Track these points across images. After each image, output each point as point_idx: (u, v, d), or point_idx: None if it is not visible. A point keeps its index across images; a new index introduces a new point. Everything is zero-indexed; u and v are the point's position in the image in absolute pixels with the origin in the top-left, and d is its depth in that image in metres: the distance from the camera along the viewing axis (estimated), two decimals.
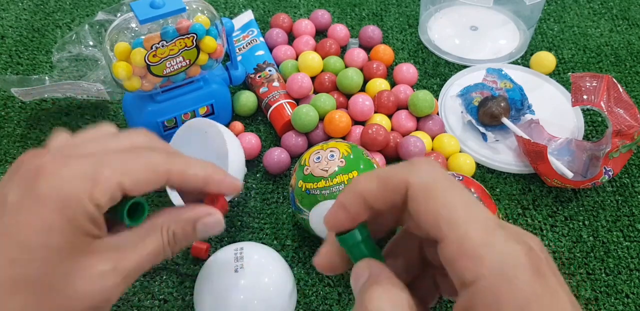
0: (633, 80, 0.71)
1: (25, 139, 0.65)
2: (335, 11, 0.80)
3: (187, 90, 0.59)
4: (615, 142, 0.56)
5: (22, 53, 0.74)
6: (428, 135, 0.63)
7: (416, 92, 0.64)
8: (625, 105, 0.59)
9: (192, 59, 0.55)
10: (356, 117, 0.64)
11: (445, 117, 0.66)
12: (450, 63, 0.74)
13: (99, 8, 0.80)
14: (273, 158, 0.60)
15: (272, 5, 0.81)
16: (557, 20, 0.79)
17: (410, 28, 0.78)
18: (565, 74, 0.72)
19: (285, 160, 0.61)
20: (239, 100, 0.65)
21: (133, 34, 0.52)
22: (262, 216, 0.59)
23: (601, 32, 0.77)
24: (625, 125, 0.57)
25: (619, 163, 0.58)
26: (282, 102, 0.65)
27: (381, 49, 0.71)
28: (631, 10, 0.80)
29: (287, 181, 0.61)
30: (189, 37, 0.53)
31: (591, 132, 0.66)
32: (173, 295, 0.53)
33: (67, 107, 0.68)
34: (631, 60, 0.74)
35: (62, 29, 0.78)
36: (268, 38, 0.74)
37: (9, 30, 0.77)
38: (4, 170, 0.63)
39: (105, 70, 0.67)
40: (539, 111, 0.64)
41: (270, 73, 0.68)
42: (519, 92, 0.63)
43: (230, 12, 0.80)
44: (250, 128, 0.66)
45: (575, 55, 0.75)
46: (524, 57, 0.74)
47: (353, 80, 0.66)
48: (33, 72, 0.72)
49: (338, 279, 0.54)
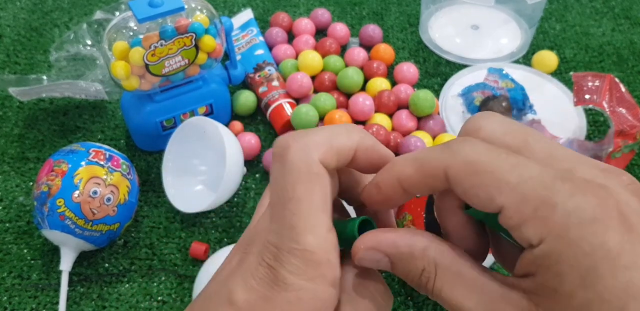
0: (635, 80, 0.71)
1: (23, 139, 0.65)
2: (335, 10, 0.80)
3: (186, 90, 0.59)
4: (617, 142, 0.56)
5: (20, 52, 0.74)
6: (429, 135, 0.63)
7: (417, 91, 0.64)
8: (628, 105, 0.58)
9: (191, 58, 0.55)
10: (356, 117, 0.63)
11: (446, 116, 0.66)
12: (451, 62, 0.73)
13: (97, 7, 0.80)
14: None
15: (272, 4, 0.81)
16: (559, 19, 0.79)
17: (411, 27, 0.78)
18: (567, 73, 0.72)
19: None
20: (239, 100, 0.65)
21: (131, 33, 0.52)
22: None
23: (603, 32, 0.77)
24: (627, 125, 0.57)
25: (621, 163, 0.58)
26: (282, 101, 0.64)
27: (382, 48, 0.71)
28: (633, 9, 0.80)
29: None
30: (188, 36, 0.53)
31: (593, 132, 0.65)
32: (172, 296, 0.53)
33: (65, 106, 0.68)
34: (633, 60, 0.73)
35: (60, 28, 0.77)
36: (268, 37, 0.73)
37: (6, 29, 0.77)
38: (1, 170, 0.62)
39: (103, 69, 0.67)
40: (541, 111, 0.64)
41: (269, 72, 0.68)
42: (520, 92, 0.63)
43: (230, 11, 0.80)
44: (249, 128, 0.66)
45: (577, 54, 0.74)
46: (525, 56, 0.74)
47: (353, 80, 0.65)
48: (31, 71, 0.72)
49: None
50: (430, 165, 0.22)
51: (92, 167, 0.52)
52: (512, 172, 0.20)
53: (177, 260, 0.55)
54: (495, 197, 0.20)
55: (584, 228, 0.18)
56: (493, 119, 0.23)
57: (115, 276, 0.54)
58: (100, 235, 0.52)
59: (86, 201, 0.51)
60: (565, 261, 0.19)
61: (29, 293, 0.53)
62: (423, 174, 0.22)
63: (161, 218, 0.58)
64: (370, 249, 0.23)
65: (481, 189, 0.20)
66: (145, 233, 0.57)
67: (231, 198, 0.59)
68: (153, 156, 0.63)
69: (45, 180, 0.51)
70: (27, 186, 0.61)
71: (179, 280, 0.54)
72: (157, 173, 0.61)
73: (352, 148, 0.24)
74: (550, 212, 0.19)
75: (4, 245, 0.56)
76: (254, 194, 0.60)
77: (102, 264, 0.55)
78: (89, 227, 0.51)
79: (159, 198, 0.59)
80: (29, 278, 0.54)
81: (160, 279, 0.54)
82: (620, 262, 0.18)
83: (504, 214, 0.20)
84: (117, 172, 0.53)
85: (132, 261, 0.55)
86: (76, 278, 0.54)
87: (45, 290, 0.53)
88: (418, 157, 0.23)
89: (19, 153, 0.63)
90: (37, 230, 0.57)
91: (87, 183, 0.51)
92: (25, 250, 0.56)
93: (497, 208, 0.20)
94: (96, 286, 0.54)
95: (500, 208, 0.20)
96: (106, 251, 0.56)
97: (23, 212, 0.59)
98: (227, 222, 0.58)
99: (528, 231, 0.19)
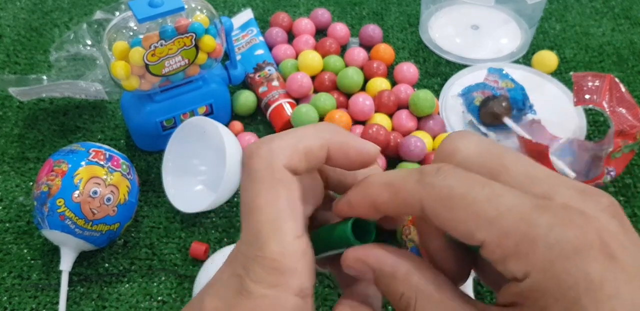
0: (635, 80, 0.71)
1: (23, 139, 0.65)
2: (335, 10, 0.80)
3: (186, 90, 0.59)
4: (617, 142, 0.56)
5: (20, 52, 0.74)
6: (429, 135, 0.63)
7: (417, 91, 0.64)
8: (628, 105, 0.58)
9: (191, 58, 0.55)
10: (356, 117, 0.63)
11: (446, 116, 0.66)
12: (451, 62, 0.73)
13: (97, 7, 0.80)
14: None
15: (272, 4, 0.81)
16: (559, 19, 0.79)
17: (411, 27, 0.78)
18: (567, 73, 0.72)
19: None
20: (238, 100, 0.65)
21: (131, 33, 0.52)
22: None
23: (603, 31, 0.77)
24: (627, 125, 0.57)
25: (621, 163, 0.58)
26: (282, 101, 0.64)
27: (382, 48, 0.71)
28: (633, 9, 0.80)
29: None
30: (188, 36, 0.53)
31: (593, 132, 0.65)
32: (172, 296, 0.53)
33: (65, 106, 0.68)
34: (633, 60, 0.73)
35: (60, 28, 0.77)
36: (268, 37, 0.73)
37: (6, 29, 0.77)
38: (1, 170, 0.62)
39: (103, 69, 0.67)
40: (541, 111, 0.64)
41: (269, 72, 0.68)
42: (520, 92, 0.63)
43: (230, 11, 0.80)
44: (249, 128, 0.66)
45: (577, 54, 0.74)
46: (525, 56, 0.74)
47: (353, 80, 0.65)
48: (31, 71, 0.72)
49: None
50: (405, 195, 0.22)
51: (92, 167, 0.52)
52: (489, 205, 0.20)
53: (177, 260, 0.55)
54: (474, 232, 0.20)
55: (567, 261, 0.18)
56: (469, 140, 0.23)
57: (115, 276, 0.54)
58: (100, 235, 0.52)
59: (86, 201, 0.51)
60: (550, 295, 0.19)
61: (29, 293, 0.53)
62: (398, 202, 0.22)
63: (161, 218, 0.58)
64: (358, 261, 0.23)
65: (460, 224, 0.20)
66: (145, 233, 0.57)
67: (231, 198, 0.59)
68: (153, 156, 0.63)
69: (45, 180, 0.51)
70: (27, 186, 0.61)
71: (179, 280, 0.54)
72: (157, 173, 0.61)
73: (323, 147, 0.24)
74: (531, 246, 0.19)
75: (4, 245, 0.56)
76: None
77: (102, 264, 0.55)
78: (89, 227, 0.51)
79: (159, 198, 0.59)
80: (29, 278, 0.54)
81: (160, 279, 0.54)
82: (604, 292, 0.18)
83: (486, 248, 0.20)
84: (117, 172, 0.53)
85: (132, 261, 0.55)
86: (76, 278, 0.54)
87: (45, 290, 0.53)
88: (393, 183, 0.22)
89: (19, 153, 0.63)
90: (37, 230, 0.57)
91: (87, 183, 0.51)
92: (25, 250, 0.56)
93: (478, 242, 0.20)
94: (96, 286, 0.54)
95: (481, 242, 0.20)
96: (106, 251, 0.56)
97: (23, 212, 0.59)
98: (227, 221, 0.58)
99: (512, 266, 0.19)
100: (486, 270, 0.25)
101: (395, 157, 0.61)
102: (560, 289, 0.19)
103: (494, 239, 0.20)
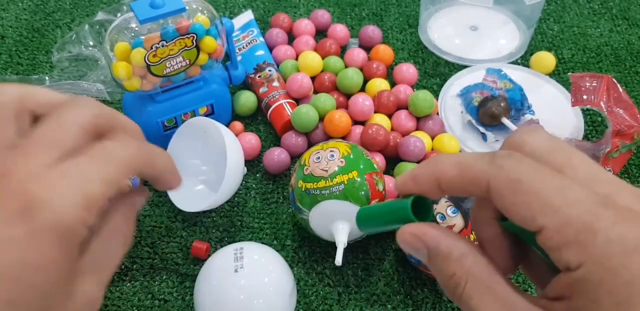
0: (633, 80, 0.71)
1: None
2: (335, 11, 0.80)
3: (187, 90, 0.59)
4: (615, 142, 0.56)
5: (22, 53, 0.74)
6: (428, 135, 0.63)
7: (416, 92, 0.64)
8: (625, 105, 0.59)
9: (192, 58, 0.55)
10: (356, 117, 0.64)
11: (445, 117, 0.66)
12: (450, 63, 0.74)
13: (99, 8, 0.80)
14: (273, 158, 0.60)
15: (272, 5, 0.81)
16: (557, 20, 0.79)
17: (410, 28, 0.78)
18: (565, 74, 0.72)
19: (285, 160, 0.61)
20: (239, 100, 0.65)
21: (133, 34, 0.52)
22: (262, 216, 0.59)
23: (601, 32, 0.77)
24: (625, 125, 0.57)
25: (618, 163, 0.58)
26: (282, 102, 0.65)
27: (381, 48, 0.71)
28: (631, 10, 0.80)
29: (287, 181, 0.61)
30: (189, 37, 0.53)
31: (591, 132, 0.66)
32: (173, 295, 0.53)
33: None
34: (631, 60, 0.74)
35: (62, 29, 0.78)
36: (268, 38, 0.74)
37: (9, 30, 0.77)
38: None
39: (105, 70, 0.67)
40: (539, 111, 0.64)
41: (270, 73, 0.68)
42: (518, 92, 0.63)
43: (230, 12, 0.80)
44: (250, 128, 0.66)
45: (575, 55, 0.75)
46: (523, 57, 0.74)
47: (353, 80, 0.66)
48: (33, 72, 0.72)
49: (338, 279, 0.54)
50: (474, 174, 0.22)
51: None
52: (556, 194, 0.20)
53: (179, 259, 0.55)
54: (537, 217, 0.20)
55: (626, 257, 0.19)
56: (538, 135, 0.23)
57: (116, 275, 0.54)
58: None
59: None
60: (603, 288, 0.19)
61: None
62: (465, 180, 0.23)
63: (162, 217, 0.59)
64: (415, 236, 0.24)
65: (523, 208, 0.21)
66: (147, 233, 0.57)
67: (232, 198, 0.60)
68: None
69: None
70: None
71: (180, 278, 0.54)
72: None
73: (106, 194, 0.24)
74: (592, 237, 0.19)
75: None
76: (255, 194, 0.60)
77: None
78: None
79: (160, 197, 0.60)
80: None
81: (161, 278, 0.54)
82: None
83: (544, 234, 0.20)
84: None
85: (134, 260, 0.56)
86: None
87: None
88: (463, 162, 0.23)
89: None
90: None
91: None
92: None
93: (537, 227, 0.20)
94: None
95: (540, 228, 0.20)
96: None
97: None
98: (227, 221, 0.58)
99: (567, 254, 0.20)
100: (533, 264, 0.25)
101: (394, 156, 0.62)
102: (615, 283, 0.19)
103: (555, 225, 0.20)
